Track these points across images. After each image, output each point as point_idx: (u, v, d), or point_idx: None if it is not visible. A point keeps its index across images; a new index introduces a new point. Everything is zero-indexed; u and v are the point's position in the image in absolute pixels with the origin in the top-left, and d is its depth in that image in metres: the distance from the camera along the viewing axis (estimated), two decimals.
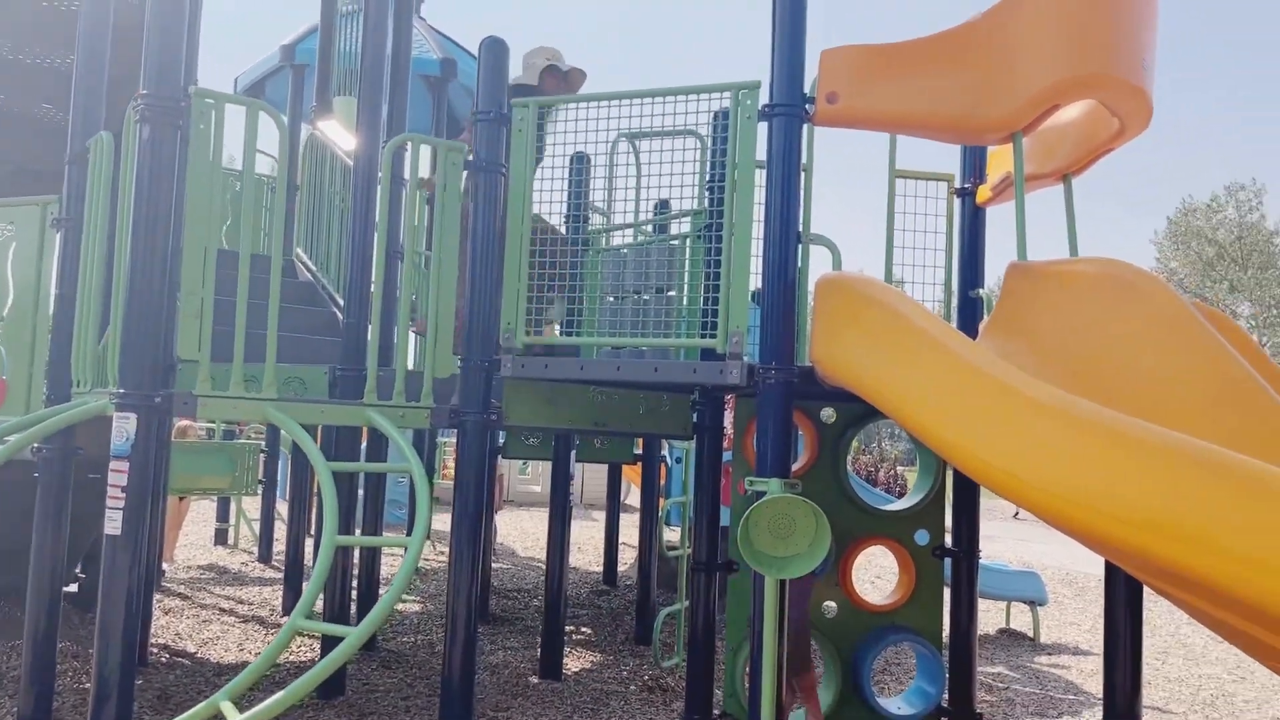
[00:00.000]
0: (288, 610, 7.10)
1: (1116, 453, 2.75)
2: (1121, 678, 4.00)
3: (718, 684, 5.01)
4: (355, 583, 5.74)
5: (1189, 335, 3.44)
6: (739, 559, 4.77)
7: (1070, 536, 3.10)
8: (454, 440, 6.19)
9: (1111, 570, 4.08)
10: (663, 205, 5.42)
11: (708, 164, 4.40)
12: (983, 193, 5.03)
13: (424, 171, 4.99)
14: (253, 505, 10.60)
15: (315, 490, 7.29)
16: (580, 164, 4.87)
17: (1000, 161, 4.84)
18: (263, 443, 9.37)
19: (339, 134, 6.77)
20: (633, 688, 5.66)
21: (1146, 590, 3.93)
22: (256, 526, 10.28)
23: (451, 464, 12.09)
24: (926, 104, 3.80)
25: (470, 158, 4.45)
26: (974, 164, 5.09)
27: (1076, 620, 9.06)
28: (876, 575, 10.77)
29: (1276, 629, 2.67)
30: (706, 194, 4.32)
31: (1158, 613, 9.24)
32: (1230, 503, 2.57)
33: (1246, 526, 2.53)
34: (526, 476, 18.96)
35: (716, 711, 4.91)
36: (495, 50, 4.33)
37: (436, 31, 9.67)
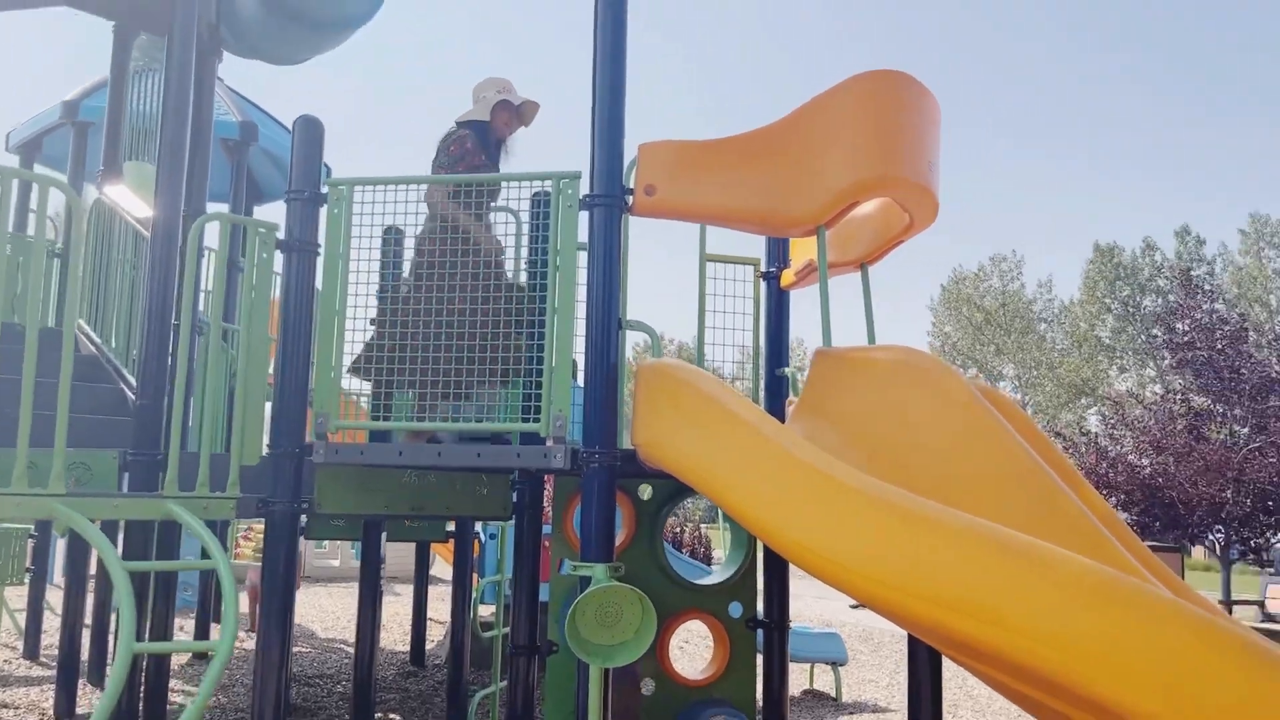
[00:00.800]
0: (60, 714, 6.50)
1: (918, 535, 2.94)
2: None
3: None
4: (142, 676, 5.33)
5: (977, 420, 3.73)
6: (558, 639, 4.76)
7: (874, 611, 3.28)
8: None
9: (914, 637, 4.31)
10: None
11: (523, 243, 4.46)
12: (787, 277, 5.30)
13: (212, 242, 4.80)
14: (16, 595, 9.67)
15: (93, 574, 6.76)
16: (394, 238, 4.81)
17: (802, 248, 5.13)
18: (31, 527, 8.59)
19: (129, 199, 6.42)
20: None
21: None
22: (22, 618, 9.36)
23: (244, 544, 11.44)
24: (739, 199, 4.01)
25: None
26: (778, 250, 5.37)
27: (874, 677, 9.46)
28: (684, 640, 10.91)
29: (1063, 696, 2.90)
30: (525, 274, 4.36)
31: (947, 667, 9.78)
32: (1022, 583, 2.79)
33: (1037, 605, 2.75)
34: (324, 550, 18.15)
35: None
36: (310, 128, 4.24)
37: (235, 93, 9.36)
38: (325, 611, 13.25)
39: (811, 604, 15.53)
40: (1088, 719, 3.00)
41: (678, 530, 24.21)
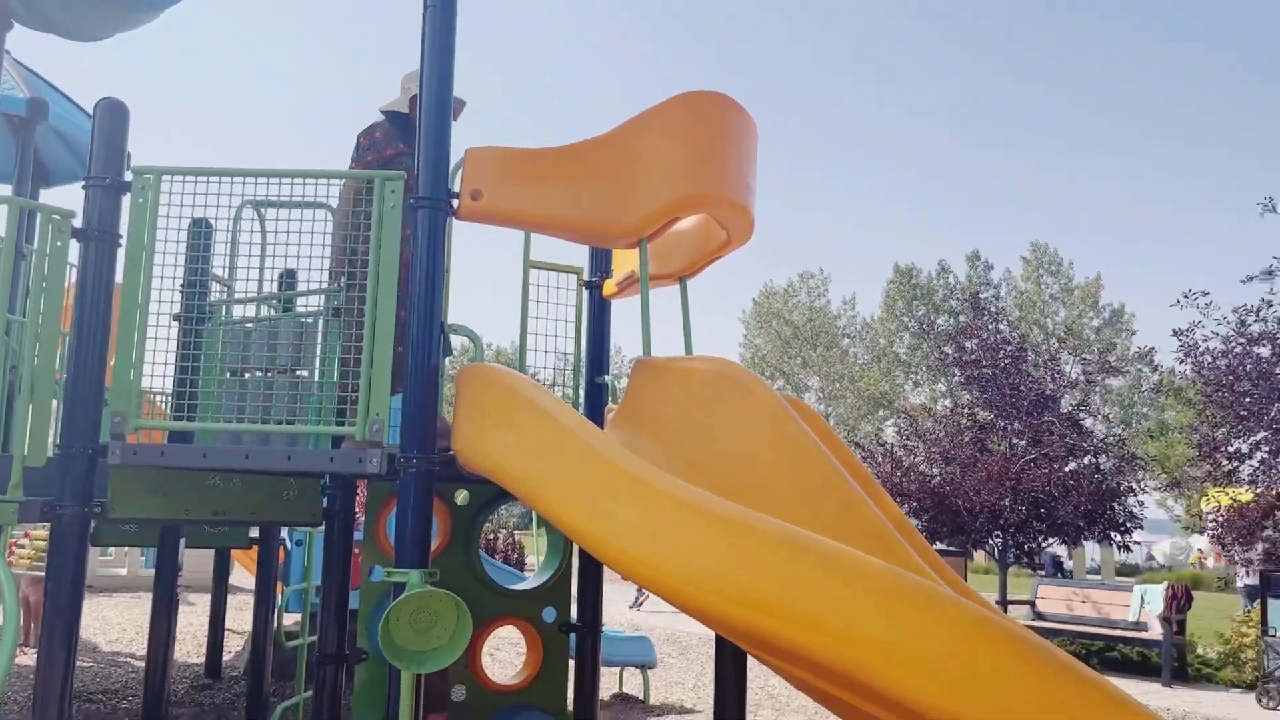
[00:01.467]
0: None
1: (730, 539, 3.06)
2: None
3: None
4: None
5: (785, 430, 3.91)
6: (368, 647, 4.67)
7: (690, 615, 3.38)
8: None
9: (721, 641, 4.46)
10: (289, 277, 5.23)
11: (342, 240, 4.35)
12: (608, 287, 5.40)
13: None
14: None
15: None
16: (202, 231, 4.60)
17: (624, 259, 5.24)
18: None
19: None
20: None
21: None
22: None
23: (18, 551, 10.57)
24: (564, 208, 4.06)
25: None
26: (601, 260, 5.46)
27: (681, 679, 9.69)
28: (496, 648, 10.85)
29: (862, 692, 3.08)
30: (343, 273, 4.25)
31: (749, 666, 10.14)
32: (825, 585, 2.95)
33: (839, 606, 2.92)
34: (109, 558, 16.99)
35: None
36: (113, 113, 4.01)
37: (23, 67, 8.68)
38: (109, 623, 12.43)
39: (622, 608, 15.74)
40: (882, 713, 3.20)
41: (491, 536, 24.02)
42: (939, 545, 13.19)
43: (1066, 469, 12.74)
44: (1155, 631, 10.68)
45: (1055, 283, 52.27)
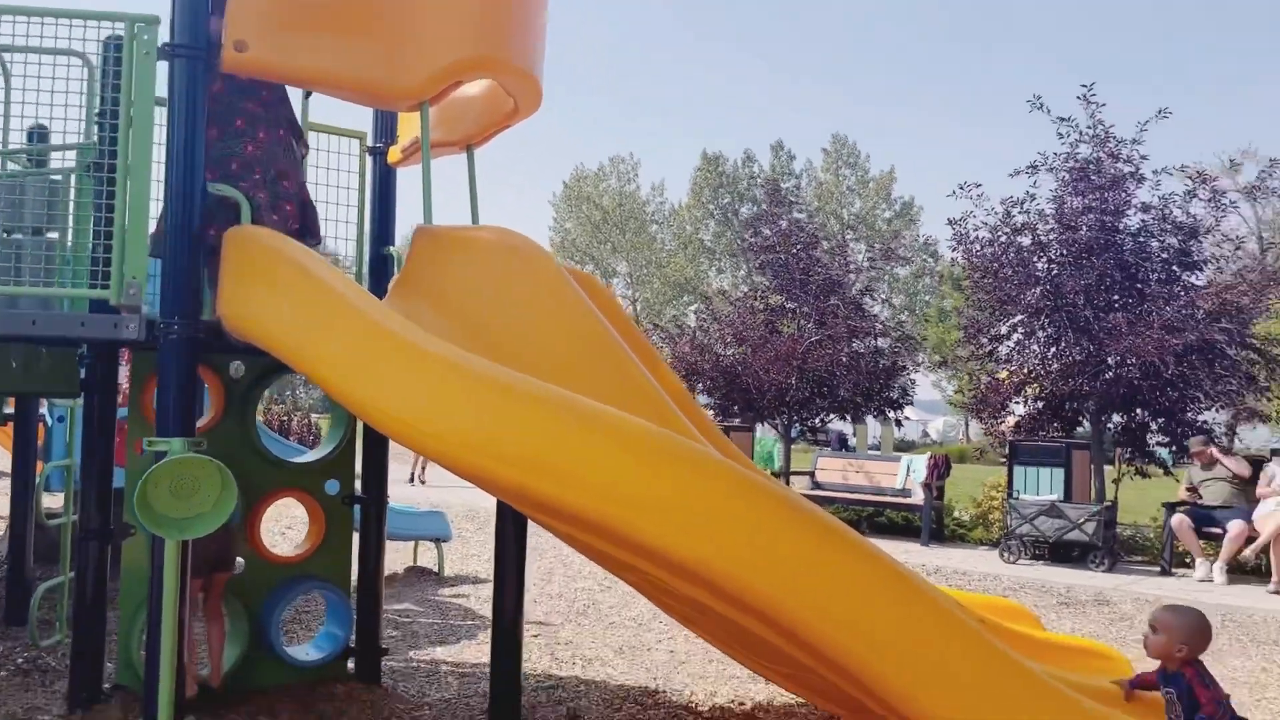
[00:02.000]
0: None
1: (501, 402, 3.10)
2: (508, 599, 4.48)
3: (110, 658, 4.68)
4: None
5: (566, 301, 3.96)
6: (136, 523, 4.50)
7: (463, 478, 3.43)
8: None
9: (502, 507, 4.54)
10: (40, 133, 4.82)
11: (96, 93, 4.03)
12: (393, 154, 5.22)
13: None
14: None
15: None
16: None
17: (410, 125, 5.06)
18: None
19: None
20: (3, 672, 5.05)
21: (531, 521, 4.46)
22: None
23: None
24: (339, 65, 3.86)
25: None
26: (386, 124, 5.25)
27: (478, 552, 9.86)
28: (287, 526, 10.69)
29: (630, 548, 3.23)
30: (97, 127, 3.94)
31: (544, 538, 10.43)
32: (590, 444, 3.05)
33: (604, 464, 3.03)
34: None
35: (108, 685, 4.60)
36: None
37: None
38: None
39: (425, 488, 15.75)
40: (655, 569, 3.37)
41: (285, 419, 23.40)
42: (732, 421, 13.82)
43: (849, 350, 13.52)
44: (918, 497, 11.65)
45: (852, 174, 54.35)
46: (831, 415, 14.35)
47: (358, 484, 5.25)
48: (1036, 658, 3.75)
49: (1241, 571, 9.63)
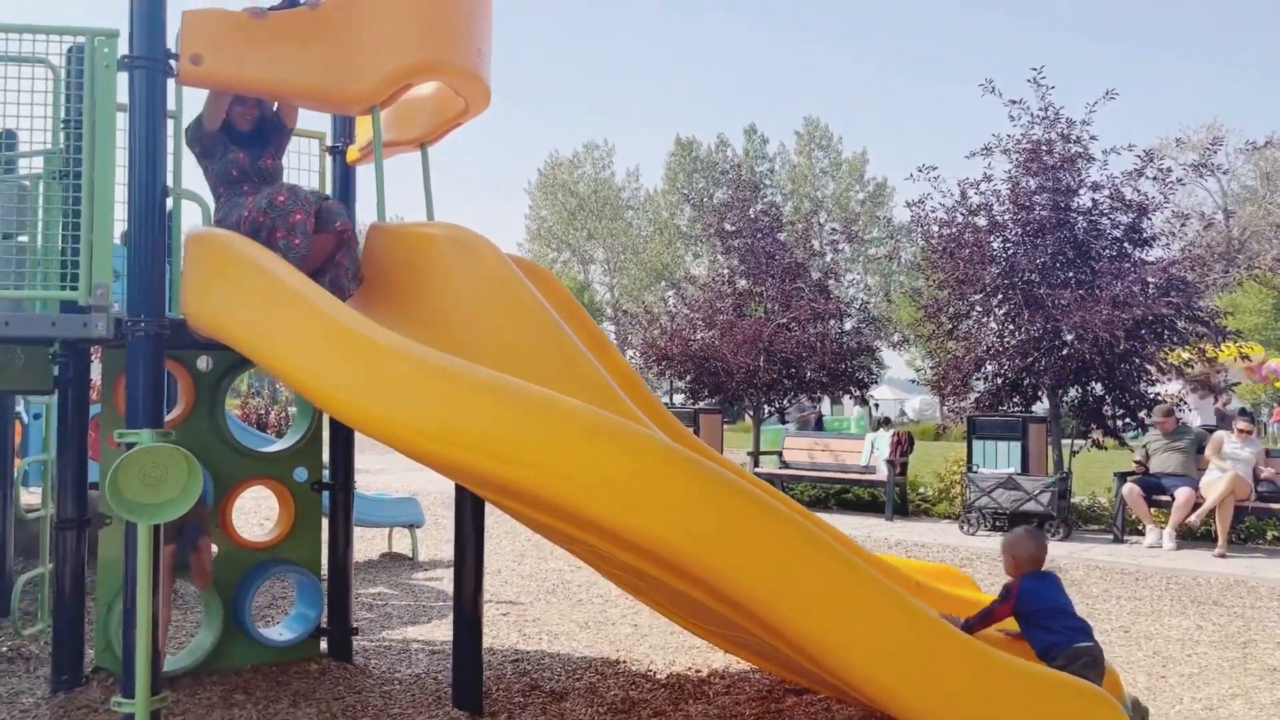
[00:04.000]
0: None
1: (445, 387, 3.34)
2: (468, 577, 4.70)
3: (89, 644, 4.90)
4: None
5: (513, 292, 4.18)
6: (111, 513, 4.71)
7: (419, 462, 3.66)
8: None
9: (460, 494, 4.75)
10: (9, 137, 4.99)
11: (63, 100, 4.21)
12: (352, 153, 5.42)
13: None
14: None
15: None
16: None
17: (367, 125, 5.26)
18: None
19: None
20: None
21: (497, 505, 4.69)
22: None
23: None
24: (291, 74, 4.07)
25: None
26: (344, 125, 5.45)
27: (452, 538, 10.05)
28: (265, 518, 10.89)
29: (572, 521, 3.47)
30: (63, 134, 4.13)
31: (502, 521, 10.68)
32: (530, 425, 3.28)
33: (543, 443, 3.26)
34: None
35: (89, 670, 4.81)
36: None
37: None
38: None
39: (401, 475, 15.95)
40: (595, 540, 3.61)
41: (263, 412, 23.50)
42: (702, 404, 14.08)
43: (816, 331, 13.80)
44: (883, 473, 11.96)
45: (825, 157, 54.61)
46: (799, 396, 14.62)
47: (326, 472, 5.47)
48: (966, 614, 4.01)
49: (1191, 537, 9.98)
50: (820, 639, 3.17)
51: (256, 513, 10.80)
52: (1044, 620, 3.82)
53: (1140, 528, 10.06)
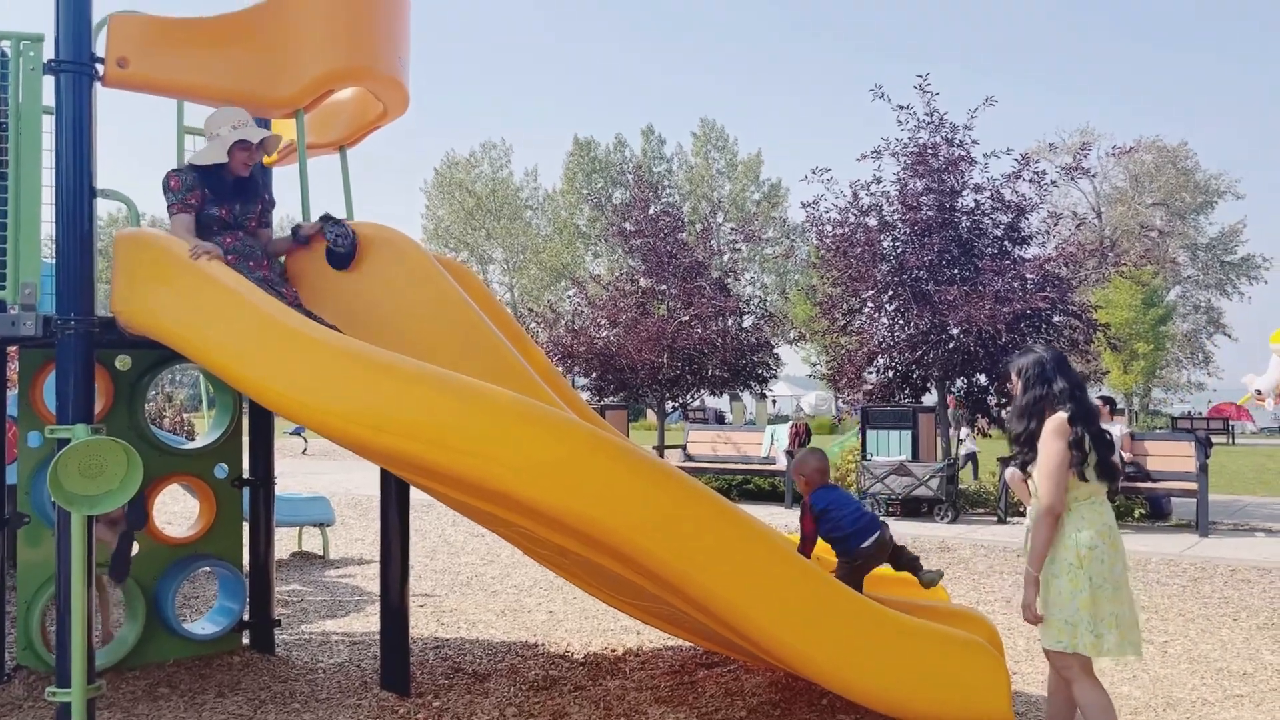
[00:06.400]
0: None
1: (381, 379, 3.52)
2: (393, 567, 4.87)
3: (9, 643, 4.91)
4: None
5: (438, 288, 4.38)
6: (29, 511, 4.74)
7: (350, 449, 3.83)
8: None
9: (385, 487, 4.88)
10: None
11: None
12: (269, 156, 5.51)
13: None
14: None
15: None
16: None
17: (284, 127, 5.37)
18: None
19: None
20: None
21: (413, 504, 4.86)
22: None
23: None
24: (217, 78, 4.19)
25: None
26: (262, 127, 5.54)
27: (361, 536, 10.15)
28: (187, 517, 10.74)
29: (496, 501, 3.69)
30: None
31: (427, 520, 10.79)
32: (460, 411, 3.49)
33: (471, 428, 3.47)
34: None
35: (10, 668, 4.83)
36: None
37: None
38: None
39: (305, 479, 15.82)
40: (519, 519, 3.83)
41: (158, 417, 22.91)
42: (607, 401, 14.36)
43: (715, 328, 14.21)
44: (782, 464, 12.41)
45: (722, 158, 55.46)
46: (701, 391, 15.03)
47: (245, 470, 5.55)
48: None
49: None
50: (733, 602, 3.46)
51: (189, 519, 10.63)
52: (843, 521, 4.30)
53: (1021, 509, 10.70)
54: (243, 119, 4.30)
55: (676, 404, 15.25)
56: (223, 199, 4.32)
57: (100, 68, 4.00)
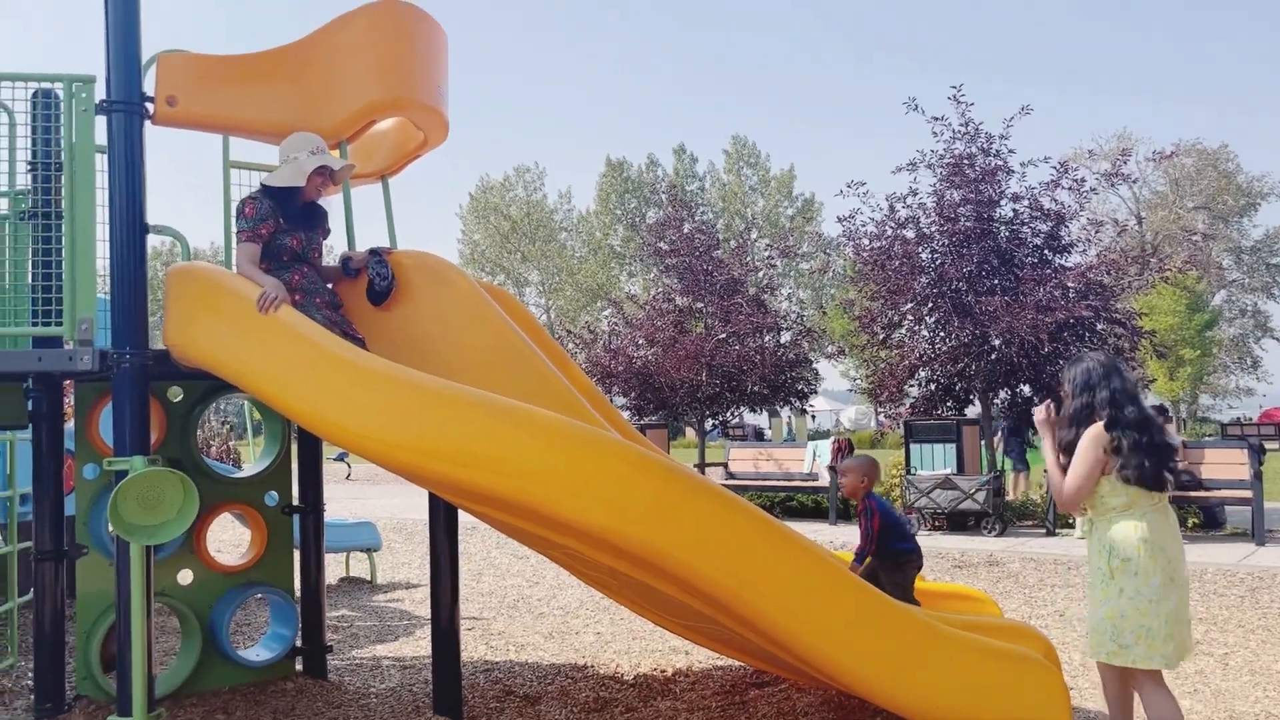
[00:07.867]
0: None
1: (429, 405, 3.55)
2: (444, 592, 4.89)
3: (69, 672, 4.99)
4: None
5: (484, 314, 4.42)
6: (88, 542, 4.83)
7: (401, 475, 3.86)
8: None
9: (434, 511, 4.92)
10: None
11: (29, 143, 4.34)
12: None
13: None
14: None
15: None
16: None
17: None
18: None
19: None
20: None
21: (461, 527, 4.88)
22: None
23: None
24: (262, 113, 4.27)
25: None
26: None
27: (407, 560, 10.21)
28: (238, 544, 10.86)
29: (549, 524, 3.69)
30: (31, 176, 4.26)
31: (472, 543, 10.83)
32: (518, 440, 3.50)
33: (518, 451, 3.48)
34: None
35: (71, 698, 4.90)
36: None
37: None
38: None
39: (348, 504, 15.95)
40: (571, 541, 3.84)
41: (204, 446, 23.21)
42: (647, 420, 14.36)
43: (753, 345, 14.19)
44: (825, 480, 12.34)
45: (754, 174, 55.48)
46: (741, 408, 14.99)
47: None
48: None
49: None
50: (784, 619, 3.44)
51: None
52: (899, 529, 4.43)
53: (1070, 520, 10.56)
54: (320, 145, 4.25)
55: (716, 422, 15.21)
56: (294, 226, 4.29)
57: (150, 106, 4.09)
